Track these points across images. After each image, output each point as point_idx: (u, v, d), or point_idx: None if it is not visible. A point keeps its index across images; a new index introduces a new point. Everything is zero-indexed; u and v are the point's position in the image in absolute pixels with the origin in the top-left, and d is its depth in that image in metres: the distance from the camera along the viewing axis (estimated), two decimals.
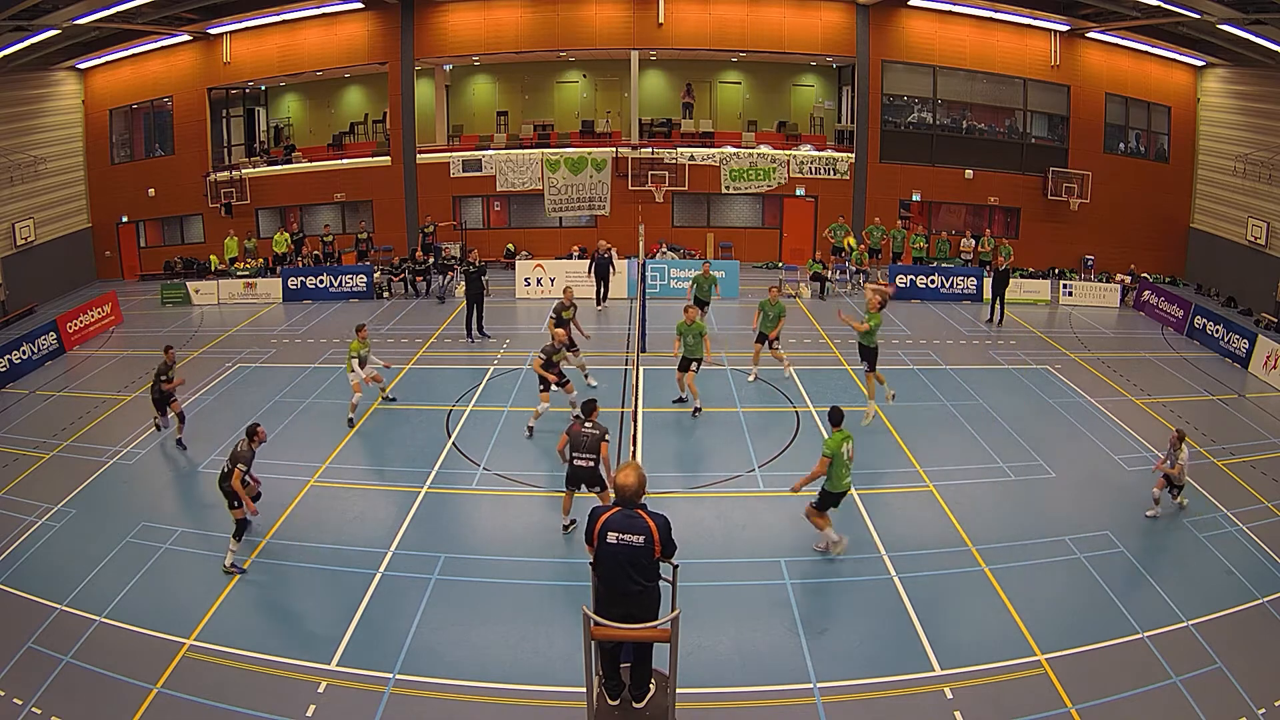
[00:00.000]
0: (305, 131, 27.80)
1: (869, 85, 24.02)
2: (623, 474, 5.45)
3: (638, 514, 5.35)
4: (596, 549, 5.38)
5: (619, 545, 5.30)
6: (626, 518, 5.34)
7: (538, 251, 24.52)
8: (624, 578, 5.34)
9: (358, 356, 13.62)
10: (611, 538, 5.31)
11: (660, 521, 5.38)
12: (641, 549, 5.30)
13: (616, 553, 5.31)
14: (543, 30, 23.95)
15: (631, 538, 5.29)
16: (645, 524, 5.32)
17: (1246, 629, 8.65)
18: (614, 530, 5.32)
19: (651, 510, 5.44)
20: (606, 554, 5.34)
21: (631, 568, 5.32)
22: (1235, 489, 11.66)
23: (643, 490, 5.44)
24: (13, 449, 13.10)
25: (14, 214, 21.42)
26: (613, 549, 5.31)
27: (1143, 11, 20.07)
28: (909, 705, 7.58)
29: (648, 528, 5.31)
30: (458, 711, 7.52)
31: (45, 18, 18.05)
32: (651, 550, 5.31)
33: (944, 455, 12.30)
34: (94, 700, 7.65)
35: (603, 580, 5.44)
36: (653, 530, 5.31)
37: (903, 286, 21.81)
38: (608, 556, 5.34)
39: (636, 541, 5.29)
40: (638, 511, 5.36)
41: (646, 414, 13.80)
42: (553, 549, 10.07)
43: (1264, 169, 20.81)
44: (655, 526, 5.33)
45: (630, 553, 5.30)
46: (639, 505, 5.40)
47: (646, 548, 5.30)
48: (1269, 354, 16.11)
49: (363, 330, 13.94)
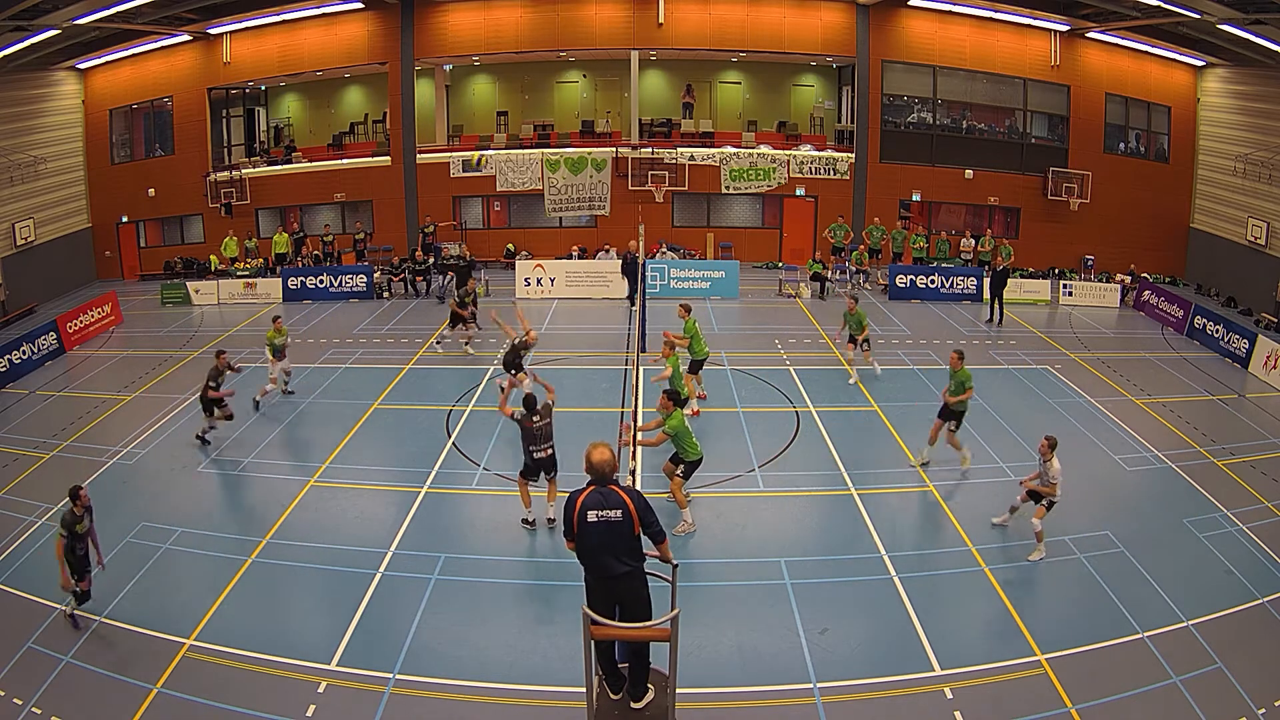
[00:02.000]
0: (305, 131, 27.80)
1: (869, 85, 24.02)
2: (596, 450, 5.53)
3: (612, 489, 5.45)
4: (578, 532, 5.44)
5: (599, 522, 5.38)
6: (602, 495, 5.43)
7: (538, 251, 24.52)
8: (609, 557, 5.42)
9: (270, 345, 14.47)
10: (591, 516, 5.39)
11: (634, 494, 5.48)
12: (621, 523, 5.39)
13: (597, 530, 5.39)
14: (543, 30, 23.95)
15: (610, 513, 5.39)
16: (620, 498, 5.42)
17: (1246, 629, 8.64)
18: (592, 509, 5.40)
19: (625, 486, 5.54)
20: (588, 534, 5.42)
21: (615, 545, 5.40)
22: (1235, 489, 11.65)
23: (615, 467, 5.56)
24: (13, 449, 13.10)
25: (14, 214, 21.42)
26: (593, 527, 5.39)
27: (1143, 11, 20.06)
28: (909, 705, 7.57)
29: (623, 502, 5.40)
30: (458, 711, 7.52)
31: (45, 18, 18.05)
32: (631, 524, 5.40)
33: (944, 455, 12.29)
34: (94, 700, 7.64)
35: (589, 566, 5.52)
36: (629, 504, 5.40)
37: (903, 286, 21.83)
38: (589, 536, 5.42)
39: (615, 516, 5.39)
40: (611, 488, 5.46)
41: (647, 414, 13.79)
42: (552, 549, 10.08)
43: (1264, 169, 20.81)
44: (630, 499, 5.42)
45: (610, 528, 5.38)
46: (612, 481, 5.49)
47: (625, 521, 5.39)
48: (1269, 354, 16.11)
49: (278, 321, 14.87)
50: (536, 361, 16.68)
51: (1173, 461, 12.45)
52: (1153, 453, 12.73)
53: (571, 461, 12.15)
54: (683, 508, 10.32)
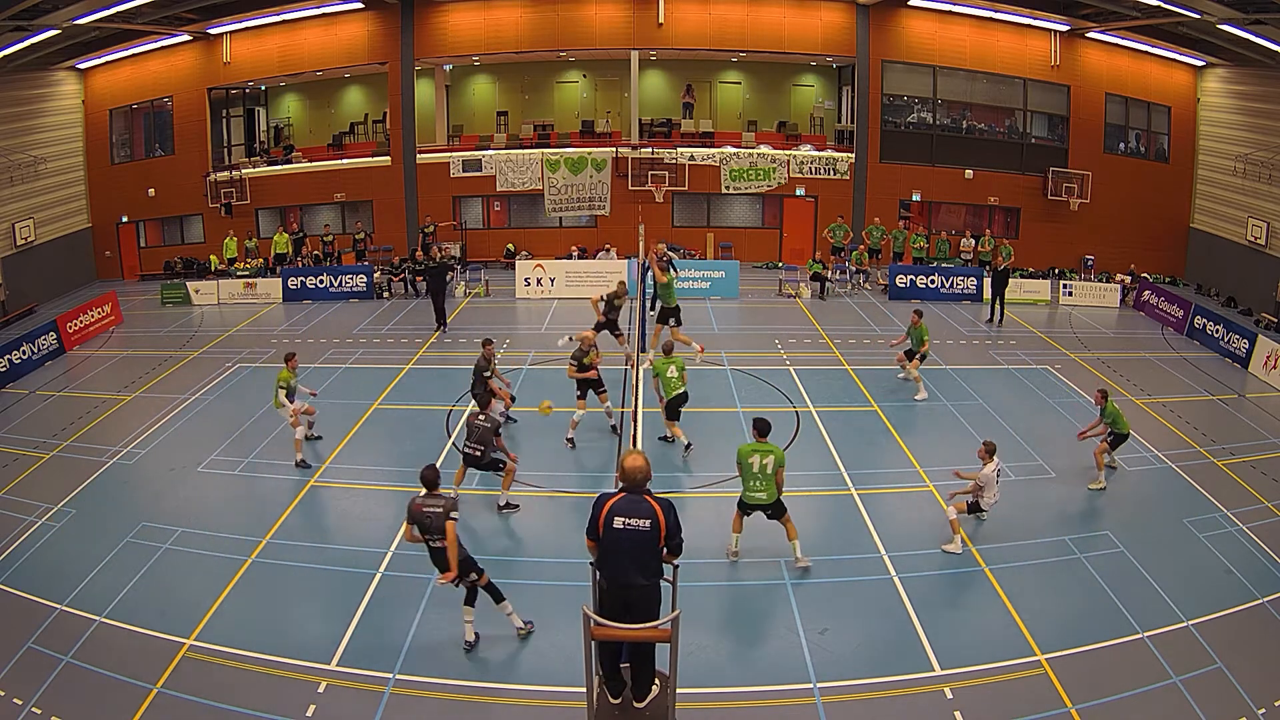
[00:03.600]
0: (305, 131, 27.81)
1: (869, 85, 24.02)
2: (630, 457, 5.39)
3: (644, 498, 5.31)
4: (602, 536, 5.32)
5: (625, 531, 5.25)
6: (632, 502, 5.29)
7: (538, 251, 24.52)
8: (630, 568, 5.30)
9: (285, 387, 12.27)
10: (618, 523, 5.27)
11: (666, 506, 5.33)
12: (648, 534, 5.26)
13: (622, 539, 5.26)
14: (543, 30, 23.96)
15: (638, 522, 5.25)
16: (651, 508, 5.28)
17: (1246, 629, 8.64)
18: (620, 515, 5.27)
19: (658, 495, 5.40)
20: (611, 541, 5.28)
21: (638, 556, 5.28)
22: (1235, 489, 11.65)
23: (648, 475, 5.39)
24: (13, 449, 13.10)
25: (14, 214, 21.43)
26: (618, 535, 5.26)
27: (1143, 11, 20.07)
28: (909, 705, 7.57)
29: (654, 511, 5.27)
30: (458, 711, 7.52)
31: (45, 18, 18.05)
32: (657, 537, 5.27)
33: (944, 455, 12.29)
34: (94, 700, 7.64)
35: (606, 574, 5.39)
36: (659, 514, 5.27)
37: (903, 286, 21.83)
38: (613, 544, 5.29)
39: (643, 526, 5.25)
40: (644, 496, 5.32)
41: (646, 414, 13.79)
42: (553, 549, 10.07)
43: (1264, 169, 20.81)
44: (661, 511, 5.29)
45: (636, 539, 5.25)
46: (645, 491, 5.35)
47: (653, 533, 5.26)
48: (1269, 354, 16.11)
49: (293, 360, 12.62)
50: (536, 361, 16.70)
51: (1173, 461, 12.45)
52: (1153, 453, 12.73)
53: (565, 462, 12.24)
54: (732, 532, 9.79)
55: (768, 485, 9.17)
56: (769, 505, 9.30)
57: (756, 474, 9.16)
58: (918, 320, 14.75)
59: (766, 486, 9.18)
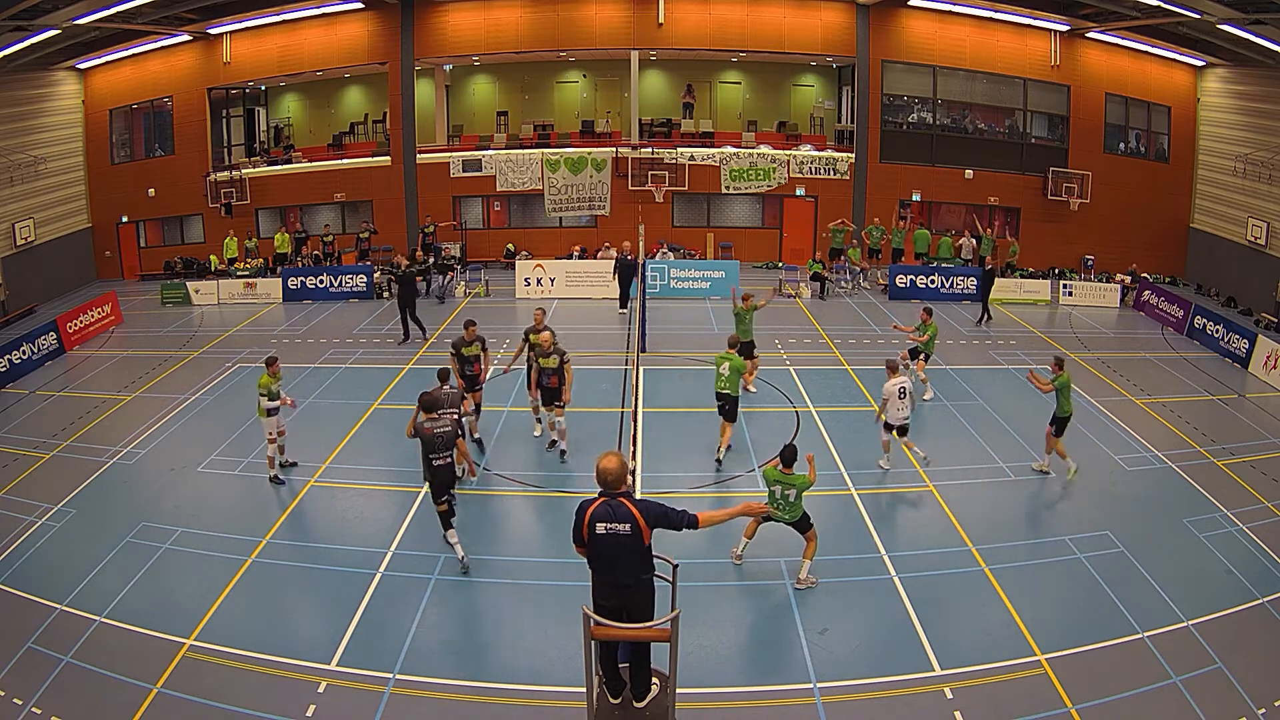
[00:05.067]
0: (305, 131, 27.80)
1: (869, 85, 24.02)
2: (604, 458, 5.36)
3: (621, 502, 5.28)
4: (588, 543, 5.34)
5: (608, 535, 5.26)
6: (610, 507, 5.28)
7: (538, 251, 24.52)
8: (618, 570, 5.32)
9: (267, 393, 11.43)
10: (600, 529, 5.27)
11: (644, 507, 5.30)
12: (630, 537, 5.25)
13: (607, 543, 5.27)
14: (543, 30, 23.95)
15: (618, 526, 5.24)
16: (629, 511, 5.25)
17: (1246, 629, 8.64)
18: (601, 521, 5.27)
19: (636, 498, 5.38)
20: (597, 545, 5.30)
21: (624, 559, 5.29)
22: (1235, 489, 11.65)
23: (624, 476, 5.35)
24: (13, 449, 13.10)
25: (14, 214, 21.42)
26: (602, 539, 5.27)
27: (1143, 11, 20.07)
28: (909, 705, 7.57)
29: (632, 515, 5.24)
30: (458, 711, 7.52)
31: (45, 18, 18.06)
32: (640, 538, 5.26)
33: (944, 455, 12.29)
34: (94, 700, 7.64)
35: (596, 576, 5.43)
36: (637, 517, 5.24)
37: (903, 286, 21.83)
38: (599, 548, 5.30)
39: (624, 530, 5.24)
40: (621, 500, 5.29)
41: (646, 414, 13.80)
42: (552, 549, 10.07)
43: (1264, 169, 20.81)
44: (639, 513, 5.25)
45: (620, 542, 5.26)
46: (622, 493, 5.33)
47: (634, 536, 5.25)
48: (1269, 354, 16.11)
49: (274, 365, 11.71)
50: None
51: (1173, 461, 12.45)
52: (1153, 453, 12.73)
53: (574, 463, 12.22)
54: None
55: (791, 510, 9.23)
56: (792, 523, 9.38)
57: (779, 499, 9.23)
58: (927, 318, 14.75)
59: (790, 511, 9.24)
